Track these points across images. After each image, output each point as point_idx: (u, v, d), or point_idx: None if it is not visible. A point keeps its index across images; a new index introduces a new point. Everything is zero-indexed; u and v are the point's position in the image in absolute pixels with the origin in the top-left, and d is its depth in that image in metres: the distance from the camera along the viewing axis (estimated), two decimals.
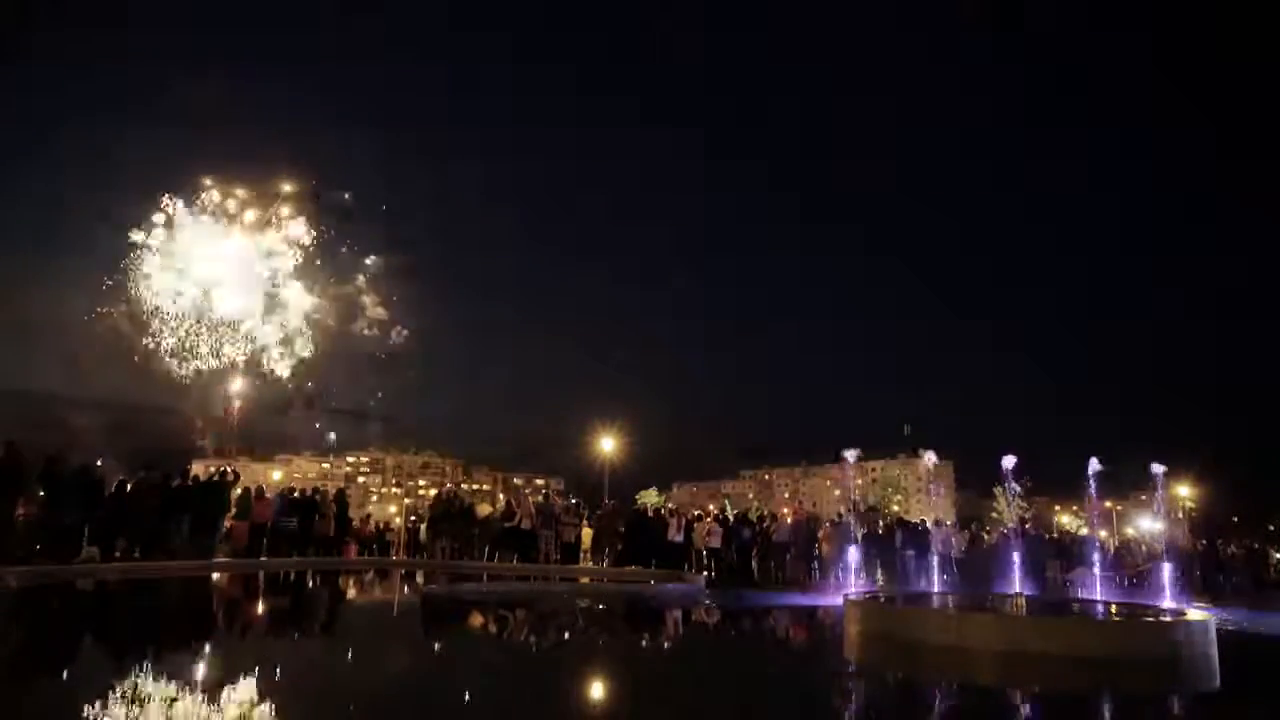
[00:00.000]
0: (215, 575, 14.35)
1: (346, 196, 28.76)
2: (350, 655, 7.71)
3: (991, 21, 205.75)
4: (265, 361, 26.49)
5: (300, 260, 26.54)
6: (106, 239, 25.77)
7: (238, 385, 28.18)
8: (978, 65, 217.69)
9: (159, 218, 24.83)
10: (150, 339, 24.80)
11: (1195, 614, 8.57)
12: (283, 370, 26.83)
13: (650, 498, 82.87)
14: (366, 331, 28.30)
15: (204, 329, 25.34)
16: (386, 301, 28.73)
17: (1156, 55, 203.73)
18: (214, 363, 25.71)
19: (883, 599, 10.17)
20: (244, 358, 26.10)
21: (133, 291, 24.60)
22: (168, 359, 24.95)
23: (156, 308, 24.75)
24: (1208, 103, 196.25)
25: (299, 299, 26.73)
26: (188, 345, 25.14)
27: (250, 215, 25.96)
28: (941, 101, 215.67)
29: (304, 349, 26.99)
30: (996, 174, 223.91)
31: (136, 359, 24.95)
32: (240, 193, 25.90)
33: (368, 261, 28.29)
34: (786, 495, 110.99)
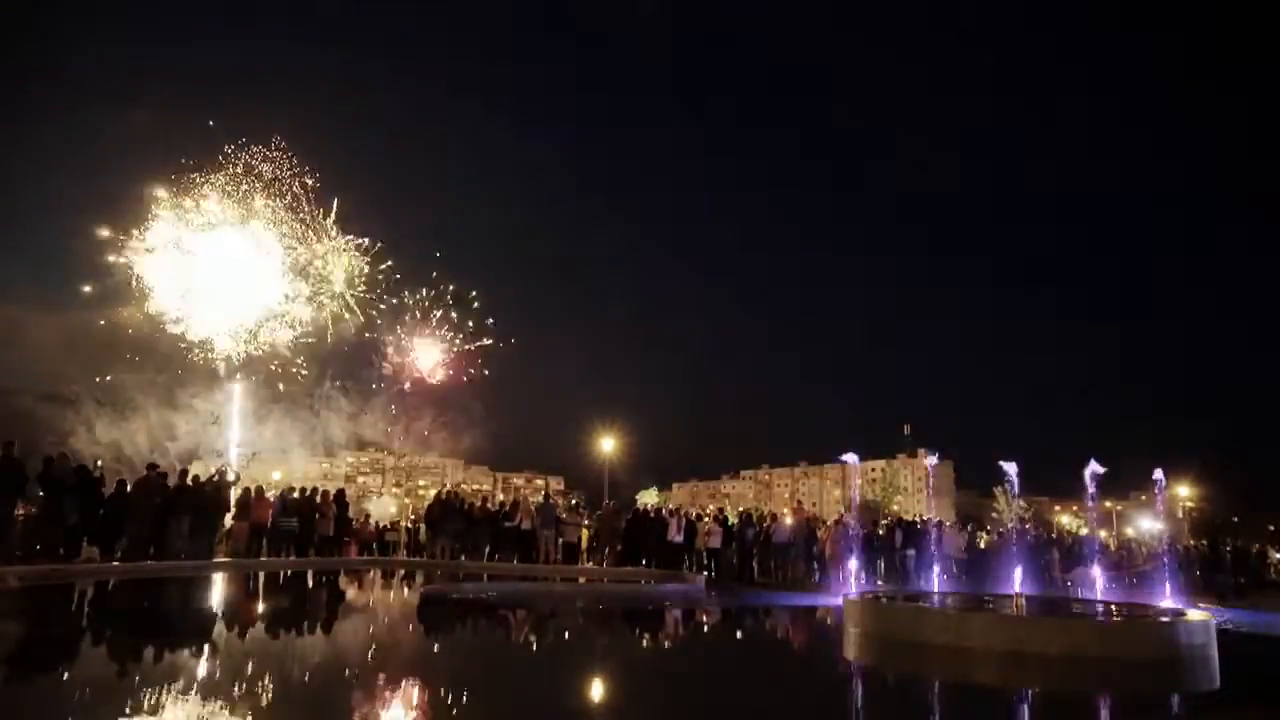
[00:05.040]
0: (215, 575, 14.34)
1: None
2: (350, 655, 7.70)
3: None
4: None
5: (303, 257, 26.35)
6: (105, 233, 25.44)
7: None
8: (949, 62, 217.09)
9: (163, 210, 24.61)
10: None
11: (1195, 614, 8.57)
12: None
13: (650, 498, 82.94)
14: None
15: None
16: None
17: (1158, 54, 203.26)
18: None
19: (883, 599, 10.16)
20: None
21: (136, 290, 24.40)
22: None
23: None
24: (1209, 104, 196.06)
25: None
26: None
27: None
28: (933, 95, 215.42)
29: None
30: (997, 175, 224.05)
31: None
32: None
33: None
34: (786, 495, 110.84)
